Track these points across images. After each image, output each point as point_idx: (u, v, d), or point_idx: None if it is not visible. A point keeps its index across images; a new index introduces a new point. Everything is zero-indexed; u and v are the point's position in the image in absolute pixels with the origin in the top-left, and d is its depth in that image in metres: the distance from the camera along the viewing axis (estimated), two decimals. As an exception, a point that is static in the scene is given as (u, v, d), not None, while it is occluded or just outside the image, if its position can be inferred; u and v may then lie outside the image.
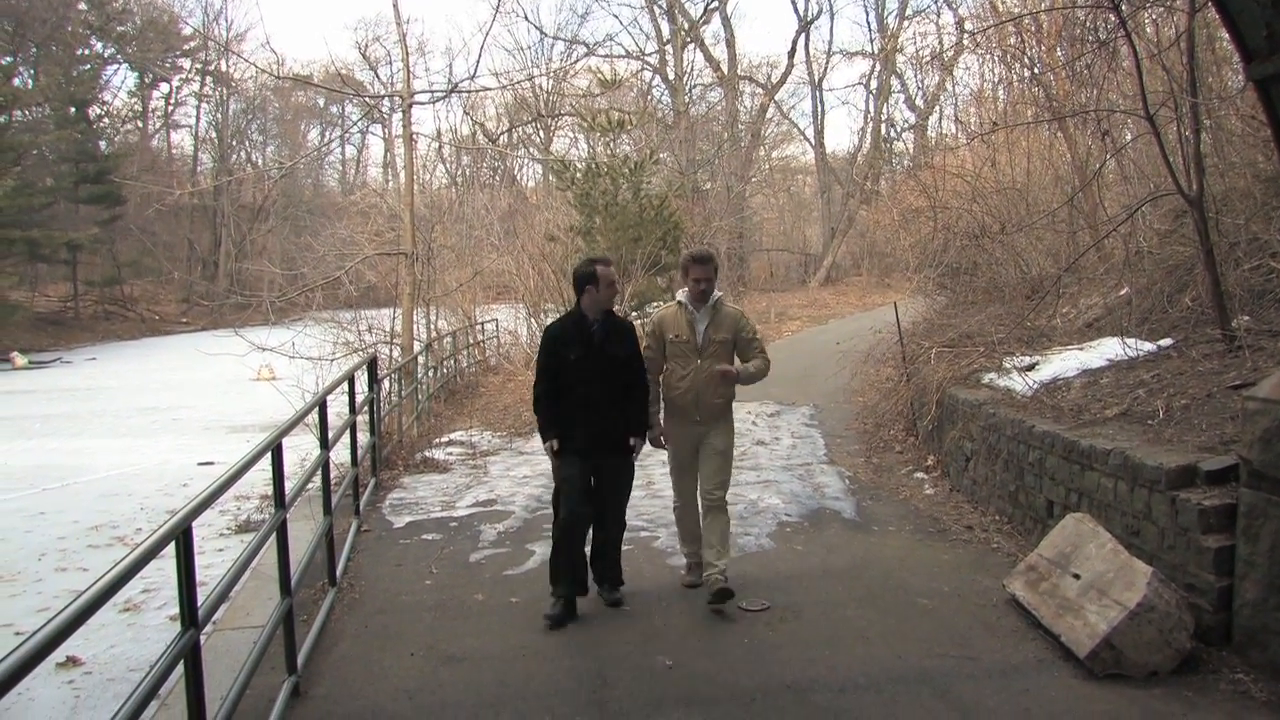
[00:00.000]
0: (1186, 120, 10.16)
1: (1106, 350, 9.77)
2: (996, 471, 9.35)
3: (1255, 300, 9.16)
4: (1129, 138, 14.58)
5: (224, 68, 70.03)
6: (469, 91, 32.76)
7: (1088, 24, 13.69)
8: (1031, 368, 10.30)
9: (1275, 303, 8.94)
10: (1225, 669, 5.81)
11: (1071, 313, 12.65)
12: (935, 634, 6.72)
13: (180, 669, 4.06)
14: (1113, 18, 10.78)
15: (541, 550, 9.11)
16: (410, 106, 23.56)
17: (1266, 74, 4.73)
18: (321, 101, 72.17)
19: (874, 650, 6.46)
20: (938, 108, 47.06)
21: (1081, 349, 10.26)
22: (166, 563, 4.17)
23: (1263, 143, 10.27)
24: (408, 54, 24.57)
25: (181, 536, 4.04)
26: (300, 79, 46.21)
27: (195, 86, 72.34)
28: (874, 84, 54.99)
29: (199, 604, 4.17)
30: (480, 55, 63.83)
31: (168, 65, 70.16)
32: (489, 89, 36.56)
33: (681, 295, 7.61)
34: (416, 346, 21.35)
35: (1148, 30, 12.92)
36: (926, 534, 9.24)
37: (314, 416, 7.71)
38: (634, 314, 25.44)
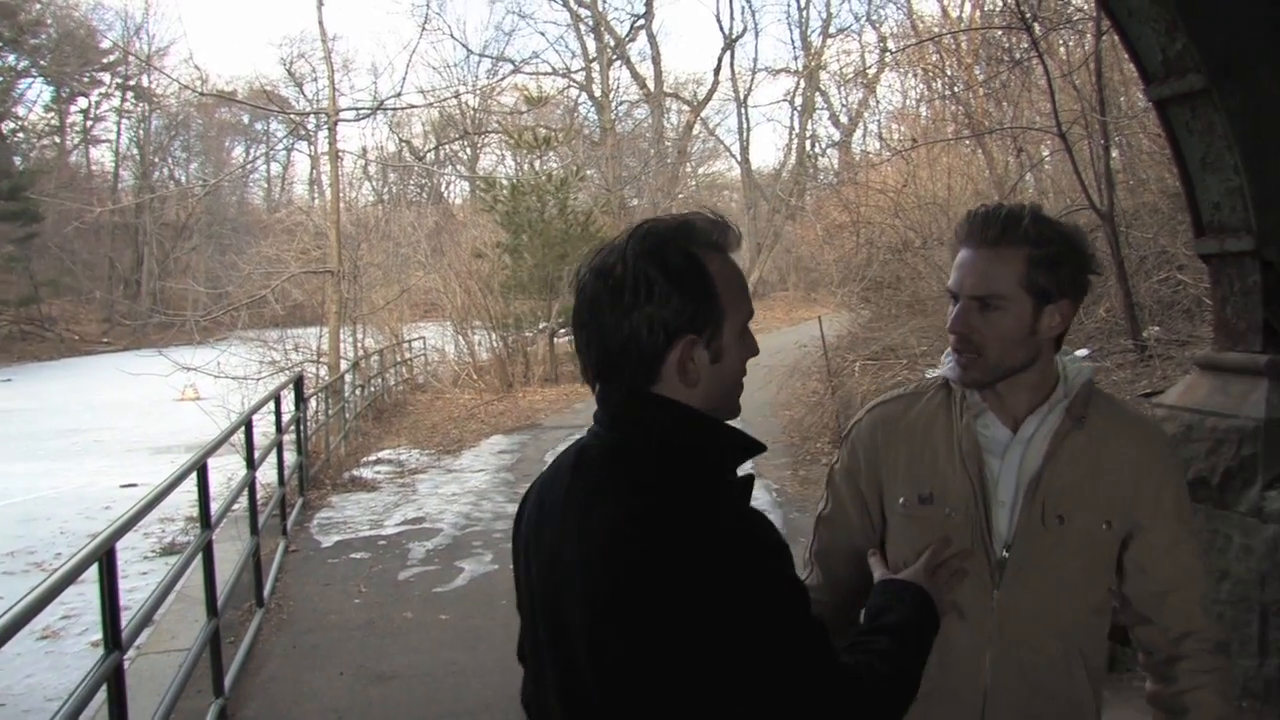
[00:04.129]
0: (1097, 138, 10.45)
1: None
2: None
3: (1164, 311, 9.44)
4: (1045, 154, 14.93)
5: (146, 83, 69.03)
6: (395, 109, 32.60)
7: (1004, 44, 14.02)
8: (952, 379, 10.48)
9: (1183, 313, 9.22)
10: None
11: (991, 325, 12.86)
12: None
13: (103, 694, 4.04)
14: (1027, 39, 11.06)
15: (470, 567, 9.14)
16: (336, 124, 23.47)
17: (1164, 95, 4.90)
18: (246, 118, 71.34)
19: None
20: (861, 124, 47.62)
21: (1001, 361, 10.46)
22: (88, 587, 4.16)
23: (1168, 160, 10.59)
24: (333, 71, 24.52)
25: (104, 559, 4.03)
26: (224, 95, 45.74)
27: (115, 102, 71.13)
28: (798, 101, 55.46)
29: (122, 627, 4.16)
30: (406, 72, 63.74)
31: (86, 79, 68.96)
32: (415, 106, 36.29)
33: None
34: (343, 365, 21.22)
35: (1060, 52, 13.25)
36: (851, 545, 9.36)
37: (240, 436, 7.69)
38: (562, 331, 25.49)
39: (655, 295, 1.67)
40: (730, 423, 1.79)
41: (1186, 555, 2.35)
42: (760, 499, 11.55)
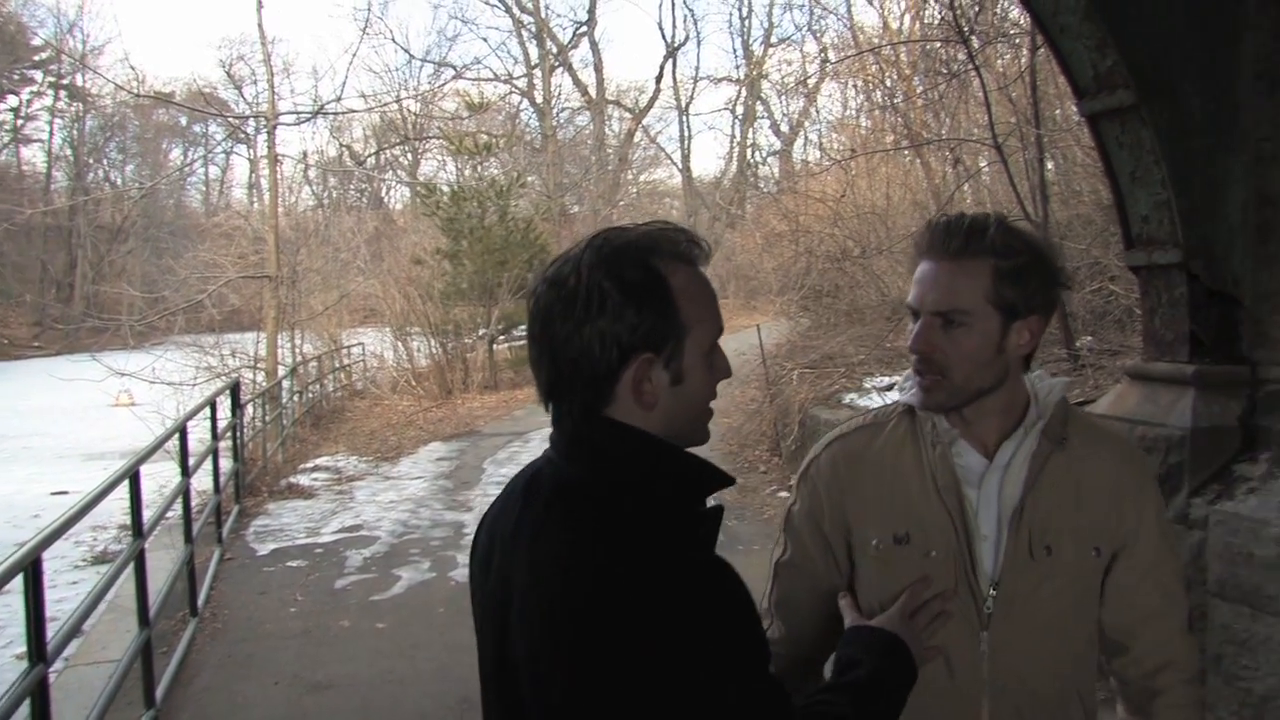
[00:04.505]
0: (1032, 150, 10.61)
1: (960, 370, 10.10)
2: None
3: (1097, 321, 9.59)
4: (983, 165, 15.13)
5: (80, 82, 67.95)
6: (336, 113, 32.40)
7: (942, 57, 14.19)
8: (891, 387, 10.61)
9: (1115, 323, 9.38)
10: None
11: (928, 334, 13.02)
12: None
13: (26, 708, 3.97)
14: (964, 52, 11.20)
15: (408, 576, 9.09)
16: (275, 127, 23.26)
17: (1095, 110, 5.00)
18: (184, 120, 70.47)
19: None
20: (802, 133, 47.92)
21: (938, 369, 10.59)
22: (13, 598, 4.09)
23: (1101, 173, 10.78)
24: (272, 74, 24.30)
25: (30, 568, 3.97)
26: (161, 97, 45.08)
27: (48, 101, 69.96)
28: (740, 109, 55.79)
29: (48, 639, 4.10)
30: (347, 77, 63.20)
31: (16, 77, 67.76)
32: (355, 111, 36.10)
33: None
34: (281, 371, 21.01)
35: (998, 65, 13.43)
36: (789, 552, 9.42)
37: (174, 443, 7.59)
38: (501, 338, 25.43)
39: (608, 309, 1.55)
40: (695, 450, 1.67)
41: (1169, 578, 2.24)
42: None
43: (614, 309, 1.55)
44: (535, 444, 15.89)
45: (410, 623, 7.76)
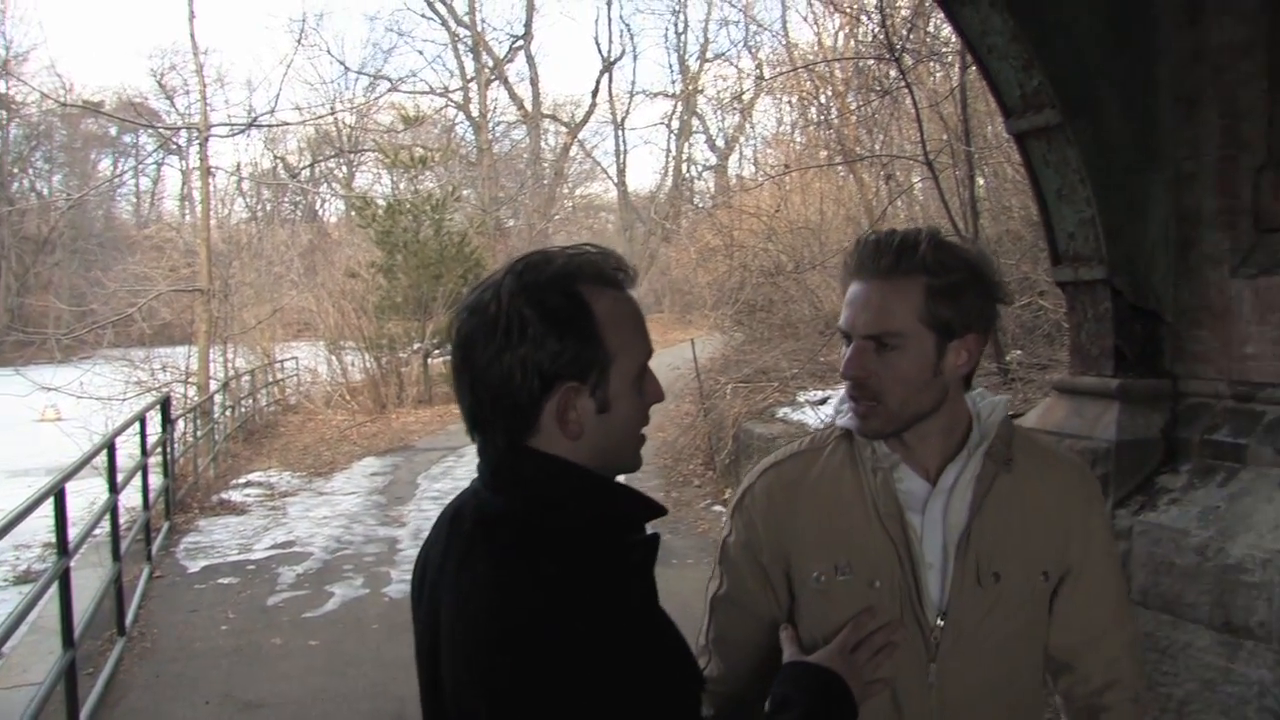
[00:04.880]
0: (963, 166, 10.77)
1: (892, 384, 10.23)
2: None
3: (1026, 335, 9.75)
4: (916, 181, 15.33)
5: (3, 90, 66.73)
6: (270, 125, 32.09)
7: (875, 74, 14.37)
8: (824, 401, 10.70)
9: (1044, 337, 9.53)
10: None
11: (861, 348, 13.16)
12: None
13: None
14: (896, 70, 11.35)
15: (341, 592, 9.01)
16: (208, 139, 23.03)
17: (1022, 129, 5.09)
18: (114, 130, 69.42)
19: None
20: (737, 149, 48.24)
21: (870, 383, 10.72)
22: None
23: (1029, 190, 11.01)
24: (205, 85, 24.08)
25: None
26: (90, 106, 44.48)
27: (-33, 109, 68.69)
28: (675, 124, 56.03)
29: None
30: (281, 88, 62.62)
31: (-66, 84, 66.40)
32: (290, 123, 35.79)
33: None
34: (213, 385, 20.77)
35: (930, 82, 13.62)
36: (724, 566, 9.46)
37: (103, 459, 7.48)
38: (436, 352, 25.30)
39: (529, 336, 1.51)
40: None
41: (1115, 598, 2.18)
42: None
43: (535, 337, 1.51)
44: (470, 459, 15.72)
45: (343, 640, 7.69)
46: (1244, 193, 4.66)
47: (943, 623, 2.01)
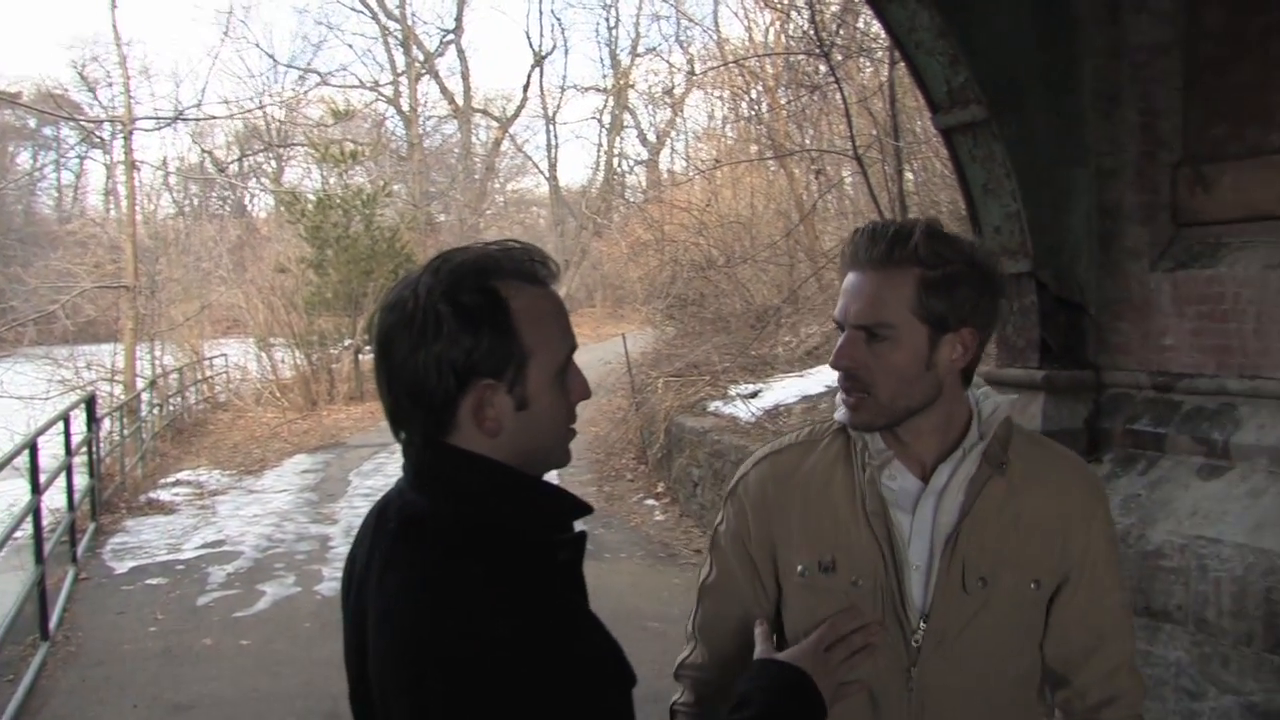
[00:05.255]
0: (891, 161, 10.89)
1: (824, 377, 10.33)
2: (723, 496, 9.73)
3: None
4: (846, 175, 15.47)
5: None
6: (196, 119, 31.66)
7: (805, 70, 14.46)
8: (755, 395, 10.77)
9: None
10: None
11: (793, 341, 13.28)
12: (666, 656, 6.84)
13: None
14: (826, 65, 11.45)
15: (273, 591, 8.93)
16: (132, 132, 22.68)
17: (949, 124, 5.16)
18: (33, 123, 67.98)
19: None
20: (669, 143, 48.33)
21: (802, 376, 10.83)
22: None
23: (956, 184, 11.17)
24: (128, 76, 23.67)
25: None
26: (5, 97, 43.48)
27: (-126, 100, 66.84)
28: (607, 119, 56.00)
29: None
30: (208, 81, 61.70)
31: None
32: (217, 117, 35.34)
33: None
34: (140, 383, 20.46)
35: (861, 77, 13.74)
36: (657, 559, 9.52)
37: (24, 459, 7.34)
38: (367, 348, 25.08)
39: (444, 333, 1.49)
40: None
41: (1114, 609, 2.08)
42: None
43: (449, 334, 1.49)
44: (401, 456, 15.68)
45: (275, 639, 7.62)
46: (1162, 188, 4.78)
47: (925, 625, 1.96)
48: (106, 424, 14.83)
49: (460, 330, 1.49)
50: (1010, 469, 2.00)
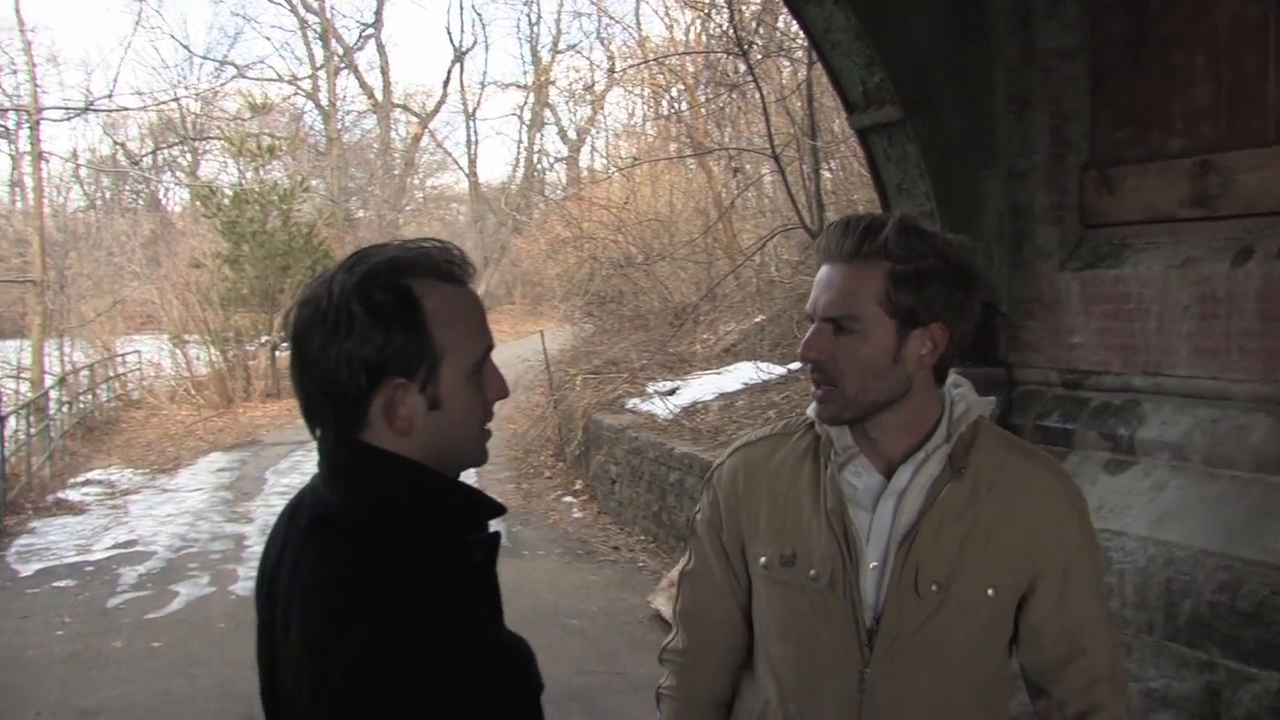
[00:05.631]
0: (809, 160, 10.99)
1: (742, 374, 10.42)
2: (641, 493, 9.76)
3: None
4: (766, 174, 15.56)
5: None
6: (108, 110, 31.04)
7: (724, 69, 14.53)
8: (673, 392, 10.83)
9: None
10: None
11: (711, 339, 13.36)
12: (584, 652, 6.96)
13: None
14: (744, 64, 11.51)
15: (186, 591, 8.79)
16: (39, 122, 22.17)
17: (864, 125, 5.23)
18: (-66, 114, 66.14)
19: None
20: (589, 140, 48.29)
21: (719, 373, 10.89)
22: None
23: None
24: (34, 64, 23.11)
25: None
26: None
27: None
28: (527, 115, 55.83)
29: None
30: (120, 71, 60.48)
31: None
32: (130, 109, 34.68)
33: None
34: (49, 381, 20.01)
35: (782, 76, 13.84)
36: (575, 556, 9.52)
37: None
38: (284, 345, 24.78)
39: (355, 331, 1.48)
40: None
41: (1092, 618, 2.03)
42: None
43: (360, 331, 1.49)
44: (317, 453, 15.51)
45: (188, 640, 7.50)
46: (1071, 190, 4.88)
47: (878, 627, 1.95)
48: (12, 422, 14.52)
49: (372, 328, 1.49)
50: (973, 474, 1.97)
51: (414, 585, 1.44)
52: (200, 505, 12.94)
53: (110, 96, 35.29)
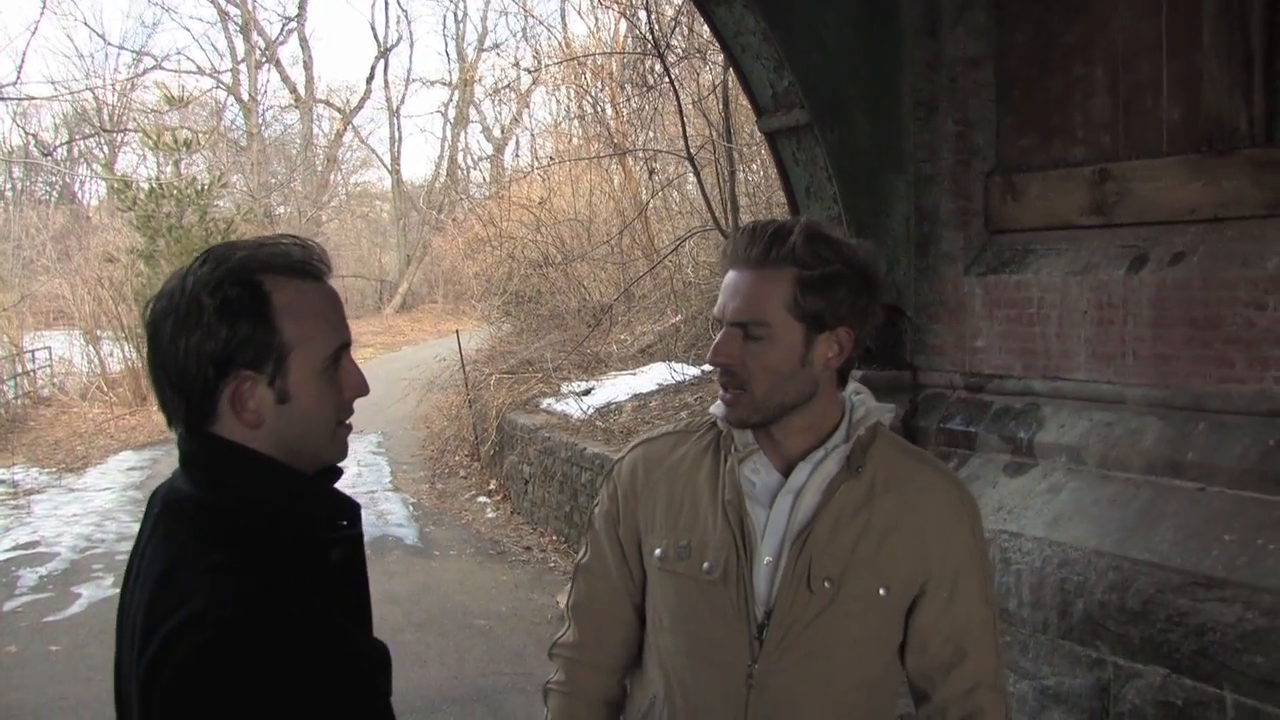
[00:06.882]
0: (724, 162, 11.05)
1: (656, 375, 10.46)
2: (553, 493, 9.76)
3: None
4: (684, 175, 15.62)
5: None
6: (15, 99, 30.34)
7: (643, 70, 14.57)
8: (587, 392, 10.84)
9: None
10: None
11: (627, 339, 13.40)
12: (491, 653, 6.93)
13: None
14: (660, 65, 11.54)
15: (89, 593, 8.62)
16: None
17: (773, 128, 5.26)
18: None
19: (430, 673, 6.56)
20: (513, 139, 48.13)
21: (634, 374, 10.93)
22: None
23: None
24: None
25: None
26: None
27: None
28: (451, 113, 55.52)
29: None
30: (25, 57, 59.12)
31: None
32: (38, 97, 34.00)
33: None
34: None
35: (701, 78, 13.89)
36: (487, 556, 9.49)
37: None
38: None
39: (202, 324, 1.51)
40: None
41: (977, 624, 2.07)
42: (396, 513, 11.49)
43: (207, 324, 1.51)
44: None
45: (89, 644, 7.35)
46: (976, 195, 4.94)
47: (769, 622, 1.99)
48: (-90, 419, 14.19)
49: (219, 321, 1.51)
50: (870, 474, 2.03)
51: (238, 576, 1.43)
52: (108, 505, 12.73)
53: (16, 84, 34.42)
